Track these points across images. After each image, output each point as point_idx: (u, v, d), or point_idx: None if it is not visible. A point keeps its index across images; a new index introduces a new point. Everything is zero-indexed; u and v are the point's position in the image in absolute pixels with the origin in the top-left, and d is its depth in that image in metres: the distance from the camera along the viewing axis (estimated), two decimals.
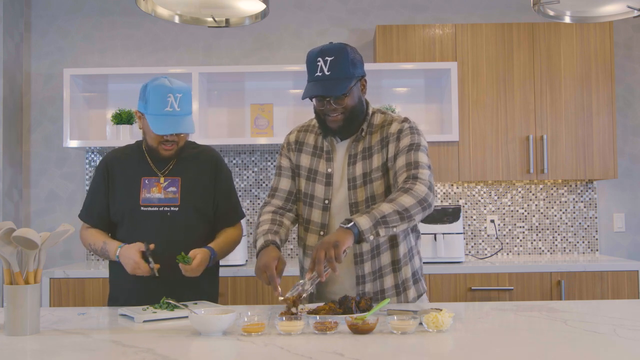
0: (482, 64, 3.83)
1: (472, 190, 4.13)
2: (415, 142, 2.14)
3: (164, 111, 2.27)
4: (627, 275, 3.50)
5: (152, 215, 2.34)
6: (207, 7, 2.35)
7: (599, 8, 2.37)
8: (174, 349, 1.63)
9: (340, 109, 2.12)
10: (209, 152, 2.49)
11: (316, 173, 2.23)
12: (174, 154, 2.38)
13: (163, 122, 2.27)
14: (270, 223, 2.20)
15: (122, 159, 2.44)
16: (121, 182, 2.40)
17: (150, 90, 2.29)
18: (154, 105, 2.28)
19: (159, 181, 2.38)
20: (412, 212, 1.99)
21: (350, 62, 2.10)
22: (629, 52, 4.22)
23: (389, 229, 1.96)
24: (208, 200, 2.42)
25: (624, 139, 4.19)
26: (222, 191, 2.45)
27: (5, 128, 3.94)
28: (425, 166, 2.10)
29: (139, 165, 2.41)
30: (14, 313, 1.79)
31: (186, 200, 2.36)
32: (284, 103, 4.10)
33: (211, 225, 2.44)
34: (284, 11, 4.19)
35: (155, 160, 2.41)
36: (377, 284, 2.19)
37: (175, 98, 2.28)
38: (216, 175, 2.44)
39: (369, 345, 1.63)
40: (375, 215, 1.94)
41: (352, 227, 1.91)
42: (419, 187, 2.03)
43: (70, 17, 4.20)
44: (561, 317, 1.96)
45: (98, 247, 2.36)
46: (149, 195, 2.36)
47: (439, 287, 3.48)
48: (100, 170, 2.43)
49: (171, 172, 2.40)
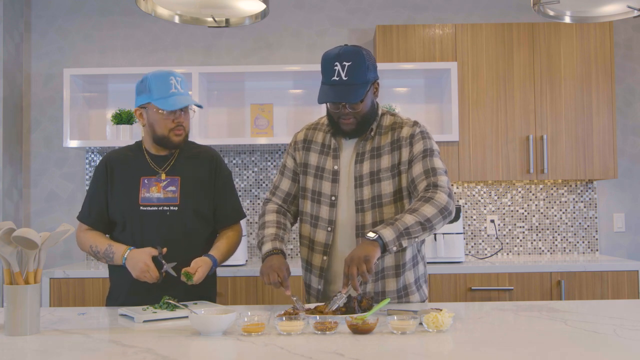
0: (482, 64, 3.83)
1: (472, 190, 4.13)
2: (429, 147, 2.19)
3: (170, 92, 2.31)
4: (627, 275, 3.50)
5: (151, 214, 2.34)
6: (207, 7, 2.35)
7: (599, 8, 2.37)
8: (174, 349, 1.63)
9: (354, 113, 2.16)
10: (208, 152, 2.49)
11: (323, 170, 2.26)
12: (182, 140, 2.38)
13: (174, 100, 2.30)
14: (276, 227, 2.26)
15: (122, 159, 2.44)
16: (121, 182, 2.39)
17: (152, 78, 2.32)
18: (159, 90, 2.31)
19: (159, 181, 2.37)
20: (434, 222, 2.05)
21: (367, 67, 2.13)
22: (629, 52, 4.22)
23: (411, 240, 2.02)
24: (207, 199, 2.42)
25: (624, 139, 4.19)
26: (221, 191, 2.45)
27: (5, 128, 3.94)
28: (442, 172, 2.15)
29: (138, 165, 2.40)
30: (14, 313, 1.79)
31: (185, 200, 2.36)
32: (284, 103, 4.10)
33: (210, 225, 2.44)
34: (284, 11, 4.19)
35: (155, 160, 2.41)
36: (379, 285, 2.21)
37: (177, 81, 2.34)
38: (216, 175, 2.45)
39: (369, 345, 1.63)
40: (398, 227, 1.99)
41: (378, 240, 1.96)
42: (440, 196, 2.07)
43: (70, 17, 4.20)
44: (561, 317, 1.96)
45: (101, 249, 2.32)
46: (148, 194, 2.36)
47: (439, 287, 3.48)
48: (101, 170, 2.43)
49: (171, 171, 2.40)
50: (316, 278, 2.26)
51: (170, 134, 2.34)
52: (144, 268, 2.19)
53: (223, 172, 2.48)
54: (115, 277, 2.43)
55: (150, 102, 2.32)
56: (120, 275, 2.36)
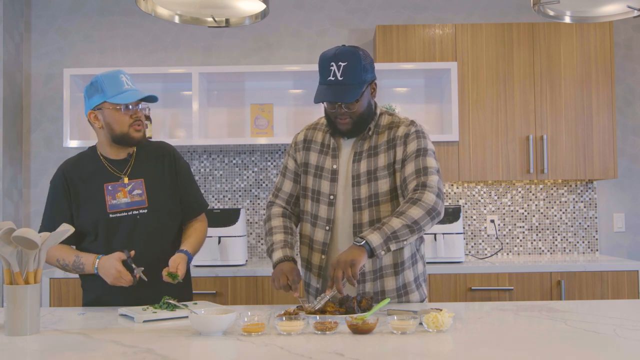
0: (482, 64, 3.83)
1: (472, 190, 4.13)
2: (422, 146, 2.20)
3: (124, 89, 2.29)
4: (627, 275, 3.50)
5: (122, 220, 2.31)
6: (207, 7, 2.35)
7: (599, 8, 2.37)
8: (174, 349, 1.63)
9: (350, 113, 2.17)
10: (164, 148, 2.48)
11: (322, 169, 2.27)
12: (142, 137, 2.35)
13: (129, 94, 2.28)
14: (284, 232, 2.29)
15: (80, 169, 2.38)
16: (84, 192, 2.34)
17: (103, 78, 2.30)
18: (112, 88, 2.28)
19: (123, 185, 2.34)
20: (422, 224, 2.06)
21: (363, 68, 2.14)
22: (629, 52, 4.22)
23: (399, 243, 2.04)
24: (174, 196, 2.41)
25: (624, 139, 4.19)
26: (184, 185, 2.44)
27: (5, 128, 3.94)
28: (434, 171, 2.15)
29: (98, 172, 2.36)
30: (14, 313, 1.79)
31: (154, 201, 2.35)
32: (284, 103, 4.10)
33: (179, 219, 2.44)
34: (284, 11, 4.19)
35: (113, 164, 2.37)
36: (378, 285, 2.21)
37: (127, 77, 2.32)
38: (176, 170, 2.44)
39: (369, 345, 1.63)
40: (385, 232, 2.01)
41: (365, 245, 1.98)
42: (427, 197, 2.08)
43: (70, 17, 4.20)
44: (561, 317, 1.96)
45: (69, 261, 2.28)
46: (115, 201, 2.32)
47: (439, 287, 3.48)
48: (60, 182, 2.37)
49: (132, 174, 2.36)
50: (315, 277, 2.27)
51: (130, 129, 2.31)
52: (116, 275, 2.17)
53: (182, 166, 2.46)
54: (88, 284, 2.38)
55: (106, 101, 2.29)
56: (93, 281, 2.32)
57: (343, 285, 1.94)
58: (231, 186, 4.10)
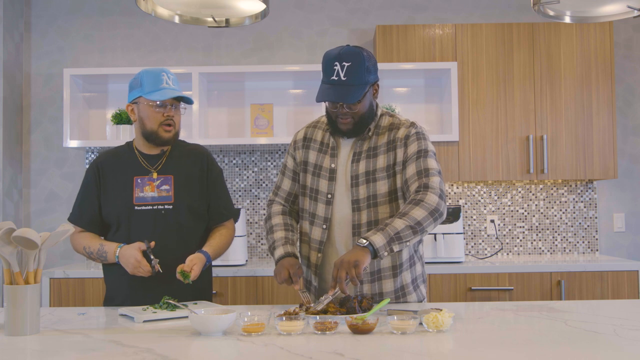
0: (482, 64, 3.83)
1: (472, 190, 4.13)
2: (423, 148, 2.20)
3: (161, 86, 2.33)
4: (627, 275, 3.50)
5: (146, 214, 2.35)
6: (207, 7, 2.35)
7: (599, 8, 2.37)
8: (174, 349, 1.63)
9: (351, 113, 2.18)
10: (199, 150, 2.51)
11: (321, 168, 2.28)
12: (172, 137, 2.38)
13: (164, 92, 2.32)
14: (285, 230, 2.30)
15: (113, 160, 2.44)
16: (113, 182, 2.39)
17: (144, 74, 2.35)
18: (150, 84, 2.33)
19: (152, 180, 2.38)
20: (425, 225, 2.06)
21: (366, 69, 2.15)
22: (629, 52, 4.22)
23: (402, 244, 2.03)
24: (201, 197, 2.43)
25: (624, 139, 4.19)
26: (213, 188, 2.46)
27: (5, 128, 3.94)
28: (435, 172, 2.15)
29: (130, 165, 2.41)
30: (14, 313, 1.79)
31: (180, 198, 2.37)
32: (284, 103, 4.10)
33: (204, 222, 2.46)
34: (284, 11, 4.19)
35: (146, 159, 2.41)
36: (376, 286, 2.21)
37: (169, 77, 2.36)
38: (208, 173, 2.46)
39: (369, 345, 1.63)
40: (389, 233, 2.00)
41: (368, 246, 1.98)
42: (430, 198, 2.08)
43: (70, 17, 4.20)
44: (561, 317, 1.96)
45: (94, 249, 2.34)
46: (142, 194, 2.36)
47: (439, 287, 3.48)
48: (92, 172, 2.43)
49: (163, 169, 2.40)
50: (312, 275, 2.28)
51: (160, 129, 2.35)
52: (135, 264, 2.21)
53: (214, 169, 2.49)
54: (111, 280, 2.42)
55: (141, 96, 2.34)
56: (116, 276, 2.36)
57: (346, 286, 1.94)
58: (231, 186, 4.10)
